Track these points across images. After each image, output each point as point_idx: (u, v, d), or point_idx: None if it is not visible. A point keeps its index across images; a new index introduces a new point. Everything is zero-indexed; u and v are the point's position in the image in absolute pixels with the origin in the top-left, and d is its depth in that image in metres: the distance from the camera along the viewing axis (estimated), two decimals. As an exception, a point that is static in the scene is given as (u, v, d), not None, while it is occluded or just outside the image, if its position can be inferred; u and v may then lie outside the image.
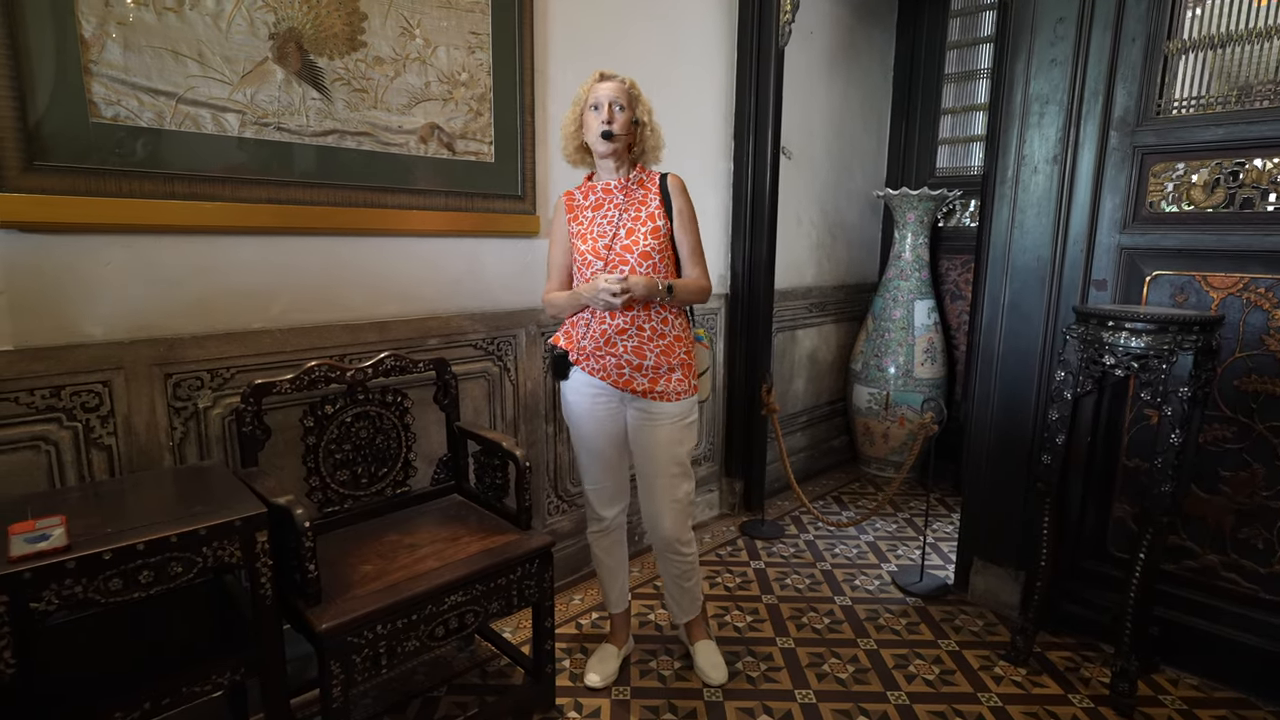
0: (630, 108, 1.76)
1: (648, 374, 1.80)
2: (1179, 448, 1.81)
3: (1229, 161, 1.94)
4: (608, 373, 1.81)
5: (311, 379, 1.68)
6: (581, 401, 1.87)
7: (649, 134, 1.80)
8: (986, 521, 2.46)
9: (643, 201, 1.82)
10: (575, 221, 1.85)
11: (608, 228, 1.80)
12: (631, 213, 1.80)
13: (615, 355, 1.79)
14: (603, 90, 1.76)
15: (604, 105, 1.75)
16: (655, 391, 1.81)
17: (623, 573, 2.07)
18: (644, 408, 1.84)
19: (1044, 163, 2.19)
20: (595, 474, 1.94)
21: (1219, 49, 1.96)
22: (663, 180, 1.83)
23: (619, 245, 1.78)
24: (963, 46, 3.80)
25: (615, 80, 1.77)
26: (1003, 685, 2.04)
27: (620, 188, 1.82)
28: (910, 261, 3.66)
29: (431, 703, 1.92)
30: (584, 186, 1.88)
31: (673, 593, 2.05)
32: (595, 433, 1.88)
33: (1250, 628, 1.99)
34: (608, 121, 1.74)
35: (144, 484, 1.45)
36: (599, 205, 1.83)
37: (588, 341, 1.80)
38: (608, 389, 1.84)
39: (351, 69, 1.80)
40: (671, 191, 1.82)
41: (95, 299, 1.50)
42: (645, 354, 1.79)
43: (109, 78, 1.45)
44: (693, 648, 2.09)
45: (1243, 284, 1.95)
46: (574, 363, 1.84)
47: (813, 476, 3.80)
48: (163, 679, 1.22)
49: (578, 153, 1.85)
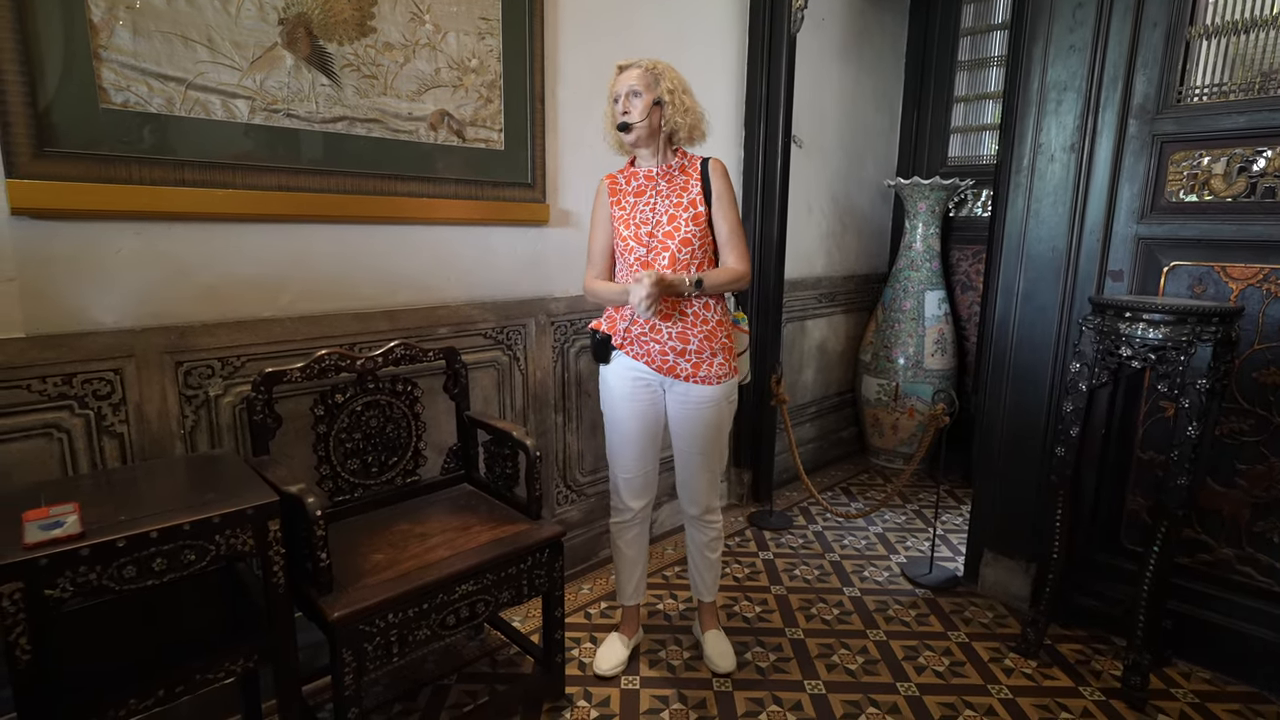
0: (648, 90, 1.74)
1: (690, 359, 1.81)
2: (1196, 440, 1.79)
3: (1250, 150, 1.91)
4: (651, 358, 1.82)
5: (322, 368, 1.67)
6: (622, 386, 1.87)
7: (675, 112, 1.76)
8: (998, 513, 2.44)
9: (684, 188, 1.81)
10: (618, 206, 1.85)
11: (649, 214, 1.80)
12: (673, 199, 1.80)
13: (659, 341, 1.79)
14: (620, 81, 1.77)
15: (620, 96, 1.75)
16: (698, 376, 1.82)
17: (641, 565, 2.07)
18: (686, 392, 1.84)
19: (1061, 151, 2.16)
20: (627, 461, 1.93)
21: (1241, 34, 1.93)
22: (704, 165, 1.83)
23: (660, 232, 1.78)
24: (976, 33, 3.75)
25: (631, 68, 1.76)
26: (1013, 677, 2.04)
27: (662, 174, 1.81)
28: (921, 252, 3.63)
29: (442, 691, 1.92)
30: (626, 171, 1.88)
31: (698, 564, 2.06)
32: (632, 416, 1.88)
33: (1266, 622, 1.97)
34: (624, 113, 1.75)
35: (156, 472, 1.45)
36: (641, 191, 1.83)
37: (633, 327, 1.81)
38: (649, 374, 1.85)
39: (361, 55, 1.79)
40: (712, 175, 1.81)
41: (106, 286, 1.50)
42: (689, 339, 1.79)
43: (118, 63, 1.44)
44: (703, 636, 2.10)
45: (1263, 275, 1.92)
46: (617, 347, 1.84)
47: (821, 468, 3.79)
48: (177, 666, 1.23)
49: (620, 144, 1.85)
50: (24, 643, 1.05)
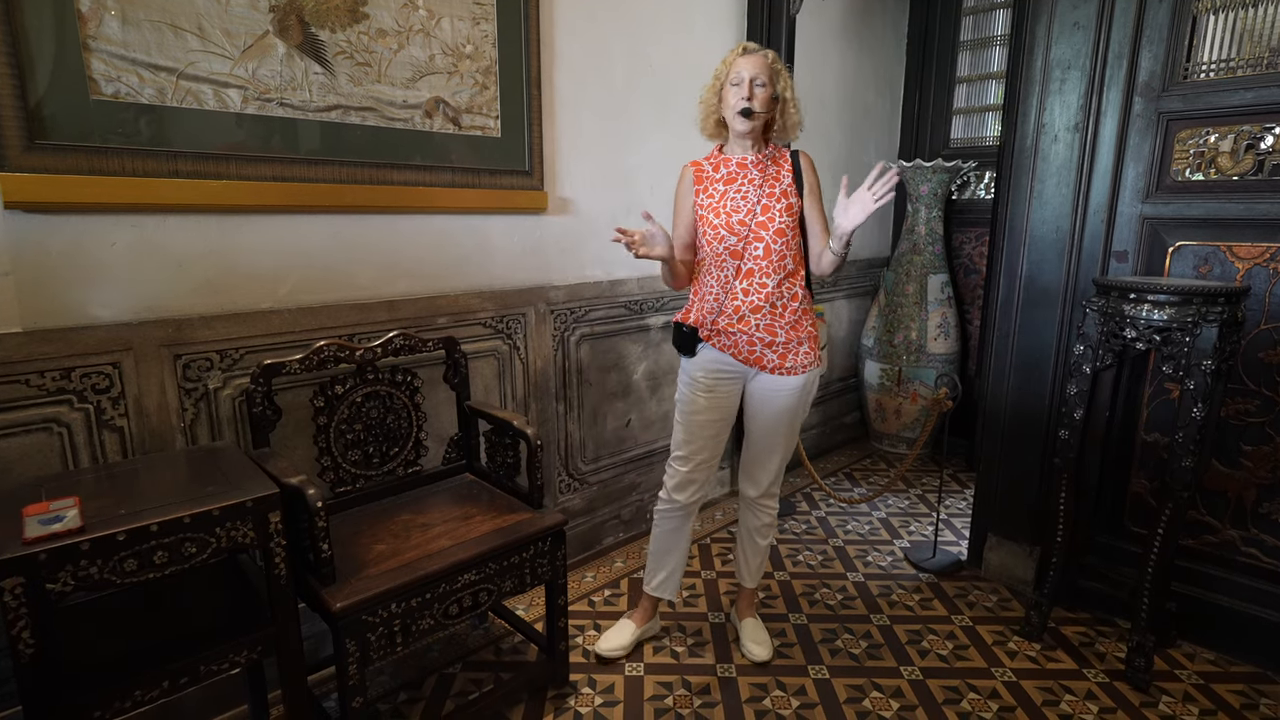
0: (771, 84, 1.73)
1: (777, 350, 1.81)
2: (1201, 422, 1.78)
3: (1258, 127, 1.88)
4: (739, 349, 1.81)
5: (321, 359, 1.66)
6: (705, 378, 1.86)
7: (791, 110, 1.78)
8: (1001, 497, 2.44)
9: (776, 178, 1.79)
10: (705, 194, 1.82)
11: (742, 203, 1.78)
12: (767, 189, 1.78)
13: (748, 332, 1.79)
14: (744, 65, 1.72)
15: (745, 81, 1.71)
16: (785, 367, 1.82)
17: (674, 560, 2.04)
18: (770, 382, 1.85)
19: (1064, 131, 2.13)
20: (690, 450, 1.91)
21: (1250, 8, 1.89)
22: (794, 157, 1.82)
23: (754, 221, 1.76)
24: (978, 12, 3.69)
25: (758, 54, 1.73)
26: (1017, 660, 2.04)
27: (756, 164, 1.79)
28: (924, 235, 3.60)
29: (447, 679, 1.93)
30: (714, 159, 1.84)
31: (747, 550, 2.09)
32: (711, 409, 1.88)
33: (1271, 603, 1.97)
34: (748, 98, 1.70)
35: (156, 465, 1.45)
36: (732, 179, 1.80)
37: (720, 319, 1.80)
38: (734, 365, 1.85)
39: (354, 42, 1.76)
40: (804, 169, 1.82)
41: (102, 280, 1.49)
42: (776, 331, 1.79)
43: (108, 53, 1.42)
44: (740, 624, 2.11)
45: (1270, 254, 1.89)
46: (704, 339, 1.83)
47: (824, 453, 3.79)
48: (181, 658, 1.23)
49: (716, 127, 1.83)
50: (27, 636, 1.05)
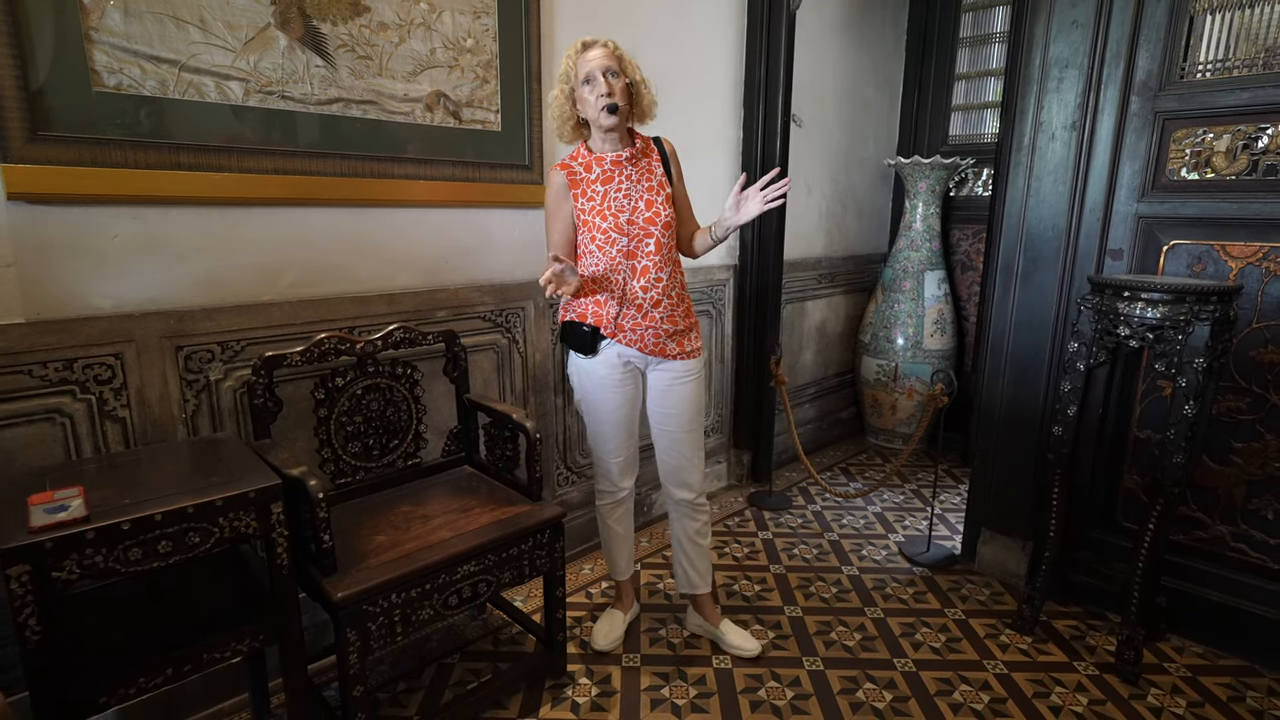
0: (623, 72, 1.71)
1: (676, 338, 1.85)
2: (1193, 419, 1.80)
3: (1253, 127, 1.89)
4: (645, 343, 1.83)
5: (321, 351, 1.67)
6: (610, 374, 1.87)
7: (644, 92, 1.77)
8: (995, 492, 2.46)
9: (650, 171, 1.80)
10: (584, 197, 1.79)
11: (625, 202, 1.77)
12: (645, 184, 1.79)
13: (653, 325, 1.81)
14: (592, 61, 1.67)
15: (598, 77, 1.67)
16: (684, 352, 1.87)
17: (630, 540, 2.11)
18: (672, 368, 1.88)
19: (1062, 129, 2.14)
20: (617, 445, 1.95)
21: (1247, 9, 1.90)
22: (659, 144, 1.84)
23: (641, 219, 1.77)
24: (978, 9, 3.70)
25: (598, 46, 1.69)
26: (1008, 653, 2.07)
27: (630, 159, 1.77)
28: (921, 231, 3.62)
29: (446, 669, 1.95)
30: (583, 158, 1.79)
31: (690, 555, 2.02)
32: (620, 403, 1.90)
33: (1259, 597, 2.00)
34: (608, 94, 1.67)
35: (159, 456, 1.46)
36: (608, 178, 1.78)
37: (624, 317, 1.81)
38: (637, 358, 1.87)
39: (355, 35, 1.77)
40: (669, 156, 1.85)
41: (104, 271, 1.50)
42: (677, 319, 1.84)
43: (110, 45, 1.42)
44: (717, 632, 2.06)
45: (1263, 253, 1.91)
46: (609, 337, 1.84)
47: (821, 448, 3.81)
48: (185, 646, 1.24)
49: (575, 131, 1.80)
50: (33, 624, 1.07)
